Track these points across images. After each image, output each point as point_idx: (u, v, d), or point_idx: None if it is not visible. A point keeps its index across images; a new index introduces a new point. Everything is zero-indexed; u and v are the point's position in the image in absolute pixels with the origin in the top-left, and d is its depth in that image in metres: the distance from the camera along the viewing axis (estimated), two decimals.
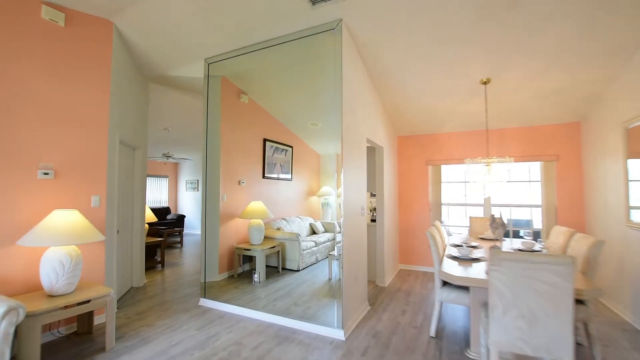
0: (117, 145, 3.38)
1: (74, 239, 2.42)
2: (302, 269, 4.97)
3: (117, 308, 3.41)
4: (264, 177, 5.44)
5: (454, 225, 5.56)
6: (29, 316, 2.11)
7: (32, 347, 2.11)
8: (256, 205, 4.78)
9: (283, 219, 5.62)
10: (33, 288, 2.53)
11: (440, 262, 2.72)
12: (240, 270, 4.65)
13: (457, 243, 3.43)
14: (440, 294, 2.67)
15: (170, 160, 9.30)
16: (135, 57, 3.74)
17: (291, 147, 6.19)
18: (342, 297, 2.80)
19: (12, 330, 1.88)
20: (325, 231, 6.29)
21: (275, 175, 5.73)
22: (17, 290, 2.45)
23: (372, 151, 4.37)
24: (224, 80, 4.33)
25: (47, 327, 2.65)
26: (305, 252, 5.06)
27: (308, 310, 3.26)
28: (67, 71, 2.80)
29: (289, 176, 6.11)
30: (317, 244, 5.45)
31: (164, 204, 9.71)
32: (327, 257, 5.34)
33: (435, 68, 3.41)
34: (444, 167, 5.36)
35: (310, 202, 6.85)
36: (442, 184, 5.35)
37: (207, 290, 3.73)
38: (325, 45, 3.20)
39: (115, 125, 3.29)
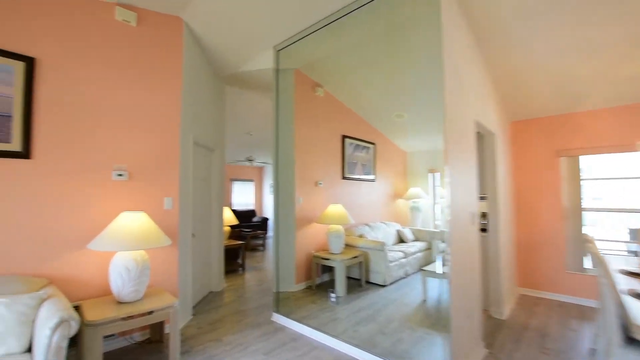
0: (191, 146, 3.27)
1: (138, 244, 2.25)
2: (389, 284, 4.23)
3: (192, 314, 3.28)
4: (343, 177, 4.89)
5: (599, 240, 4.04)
6: (89, 325, 1.97)
7: (93, 356, 1.96)
8: (335, 209, 4.25)
9: (366, 224, 4.97)
10: (107, 291, 2.47)
11: (619, 302, 1.69)
12: (318, 280, 4.18)
13: (633, 270, 2.23)
14: (624, 357, 1.64)
15: (254, 164, 9.63)
16: (208, 56, 3.64)
17: (373, 144, 5.51)
18: (450, 334, 2.00)
19: (65, 343, 1.71)
20: (416, 240, 5.38)
21: (356, 176, 5.13)
22: (91, 293, 2.41)
23: (480, 140, 3.39)
24: (297, 74, 3.96)
25: (122, 332, 2.58)
26: (392, 264, 4.30)
27: (399, 345, 2.54)
28: (138, 72, 2.74)
29: (371, 177, 5.43)
30: (406, 255, 4.61)
31: (251, 207, 10.10)
32: (419, 271, 4.48)
33: (578, 10, 2.32)
34: (580, 159, 3.94)
35: (397, 206, 6.02)
36: (581, 181, 3.93)
37: (282, 302, 3.34)
38: (414, 7, 2.48)
39: (189, 126, 3.18)
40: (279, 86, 3.54)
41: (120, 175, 2.59)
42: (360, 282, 4.26)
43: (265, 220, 9.23)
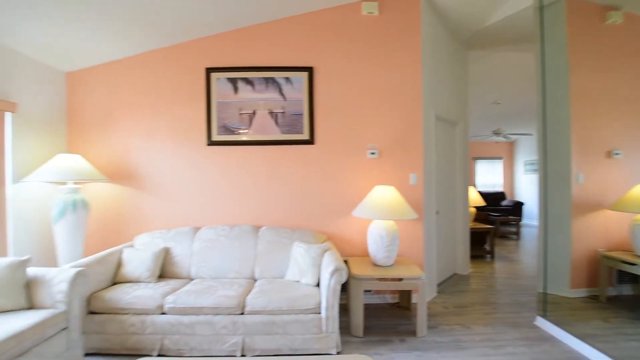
0: (433, 121, 3.17)
1: (390, 214, 2.46)
2: None
3: (437, 292, 3.25)
4: None
5: None
6: (354, 278, 2.37)
7: (356, 304, 2.35)
8: None
9: None
10: (365, 253, 2.89)
11: None
12: (611, 291, 2.94)
13: None
14: None
15: (502, 139, 8.21)
16: (446, 21, 3.34)
17: None
18: None
19: (339, 287, 2.14)
20: None
21: None
22: (354, 252, 2.91)
23: None
24: (570, 4, 2.86)
25: (378, 291, 2.95)
26: None
27: None
28: (383, 56, 2.95)
29: None
30: None
31: (498, 189, 8.80)
32: None
33: None
34: None
35: None
36: None
37: (550, 306, 2.63)
38: None
39: (429, 100, 3.10)
40: (544, 29, 2.70)
41: (372, 153, 2.93)
42: None
43: (519, 204, 7.76)
